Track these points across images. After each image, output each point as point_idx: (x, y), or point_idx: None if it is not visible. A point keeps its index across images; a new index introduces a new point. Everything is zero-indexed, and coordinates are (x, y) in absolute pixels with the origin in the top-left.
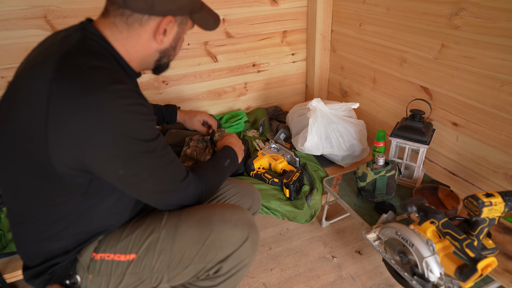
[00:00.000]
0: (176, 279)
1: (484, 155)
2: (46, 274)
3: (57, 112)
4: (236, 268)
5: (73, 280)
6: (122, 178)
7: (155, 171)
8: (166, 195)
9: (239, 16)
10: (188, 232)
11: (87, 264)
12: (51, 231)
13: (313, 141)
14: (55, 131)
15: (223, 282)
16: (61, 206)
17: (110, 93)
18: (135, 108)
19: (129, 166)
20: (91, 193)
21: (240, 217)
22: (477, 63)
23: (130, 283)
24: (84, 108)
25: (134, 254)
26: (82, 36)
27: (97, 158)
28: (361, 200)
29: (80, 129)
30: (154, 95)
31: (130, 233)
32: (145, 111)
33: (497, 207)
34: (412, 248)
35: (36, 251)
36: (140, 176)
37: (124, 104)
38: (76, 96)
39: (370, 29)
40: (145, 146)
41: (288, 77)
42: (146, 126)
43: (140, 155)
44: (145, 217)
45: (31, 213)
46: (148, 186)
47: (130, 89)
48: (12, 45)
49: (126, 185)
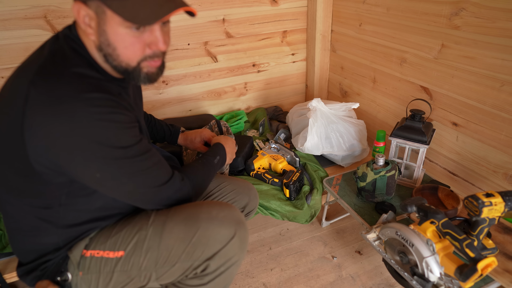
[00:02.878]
0: (164, 277)
1: (484, 155)
2: (38, 270)
3: (33, 116)
4: (224, 266)
5: (64, 277)
6: (100, 181)
7: (135, 175)
8: (151, 196)
9: (239, 16)
10: (175, 229)
11: (77, 261)
12: (40, 228)
13: (313, 141)
14: (30, 133)
15: (212, 281)
16: (47, 203)
17: (83, 102)
18: (109, 117)
19: (105, 170)
20: (75, 193)
21: (227, 214)
22: (477, 63)
23: (120, 281)
24: (57, 116)
25: (122, 251)
26: (65, 37)
27: (72, 162)
28: (361, 200)
29: (54, 134)
30: (154, 95)
31: (120, 230)
32: (122, 119)
33: (497, 207)
34: (412, 248)
35: (28, 247)
36: (119, 180)
37: (98, 113)
38: (50, 102)
39: (370, 29)
40: (122, 153)
41: (288, 77)
42: (122, 133)
43: (117, 161)
44: (135, 215)
45: (20, 209)
46: (130, 189)
47: (107, 98)
48: (12, 45)
49: (106, 188)
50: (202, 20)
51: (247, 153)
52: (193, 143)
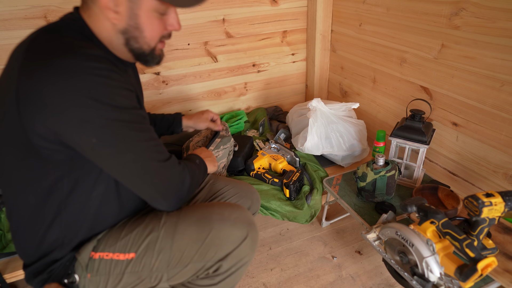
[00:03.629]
0: (175, 278)
1: (484, 155)
2: (45, 273)
3: (27, 80)
4: (235, 266)
5: (72, 279)
6: (97, 149)
7: (133, 144)
8: (152, 173)
9: (239, 16)
10: (188, 231)
11: (85, 263)
12: (43, 220)
13: (313, 141)
14: (25, 100)
15: (222, 281)
16: (49, 191)
17: (79, 56)
18: (106, 73)
19: (102, 133)
20: (77, 176)
21: (239, 216)
22: (477, 63)
23: (129, 282)
24: (50, 72)
25: (133, 253)
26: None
27: (67, 124)
28: (361, 200)
29: (48, 94)
30: (154, 95)
31: (129, 232)
32: (118, 77)
33: (497, 207)
34: (412, 248)
35: (33, 244)
36: (117, 147)
37: (93, 68)
38: (43, 61)
39: (370, 29)
40: (117, 114)
41: (288, 77)
42: (118, 93)
43: (113, 123)
44: (144, 216)
45: (22, 201)
46: (127, 160)
47: (102, 56)
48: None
49: (103, 158)
50: (202, 20)
51: (247, 153)
52: (200, 120)
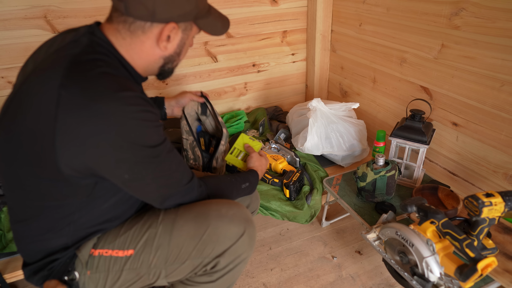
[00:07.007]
0: (173, 274)
1: (484, 155)
2: (45, 270)
3: (65, 118)
4: (233, 263)
5: (72, 276)
6: (127, 182)
7: (158, 176)
8: (169, 197)
9: (239, 16)
10: (185, 227)
11: (85, 260)
12: (53, 230)
13: (313, 141)
14: (63, 136)
15: (221, 278)
16: (65, 206)
17: (118, 100)
18: (142, 115)
19: (133, 171)
20: (96, 194)
21: (236, 212)
22: (477, 63)
23: (128, 279)
24: (92, 115)
25: (132, 249)
26: (90, 41)
27: (103, 163)
28: (361, 200)
29: (87, 135)
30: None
31: (128, 229)
32: (152, 117)
33: (497, 207)
34: (412, 248)
35: (37, 248)
36: (144, 180)
37: (131, 112)
38: (85, 103)
39: (370, 29)
40: (150, 152)
41: (288, 77)
42: (152, 132)
43: (145, 160)
44: (143, 214)
45: (35, 212)
46: (151, 189)
47: (137, 96)
48: (12, 45)
49: (130, 188)
50: None
51: None
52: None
